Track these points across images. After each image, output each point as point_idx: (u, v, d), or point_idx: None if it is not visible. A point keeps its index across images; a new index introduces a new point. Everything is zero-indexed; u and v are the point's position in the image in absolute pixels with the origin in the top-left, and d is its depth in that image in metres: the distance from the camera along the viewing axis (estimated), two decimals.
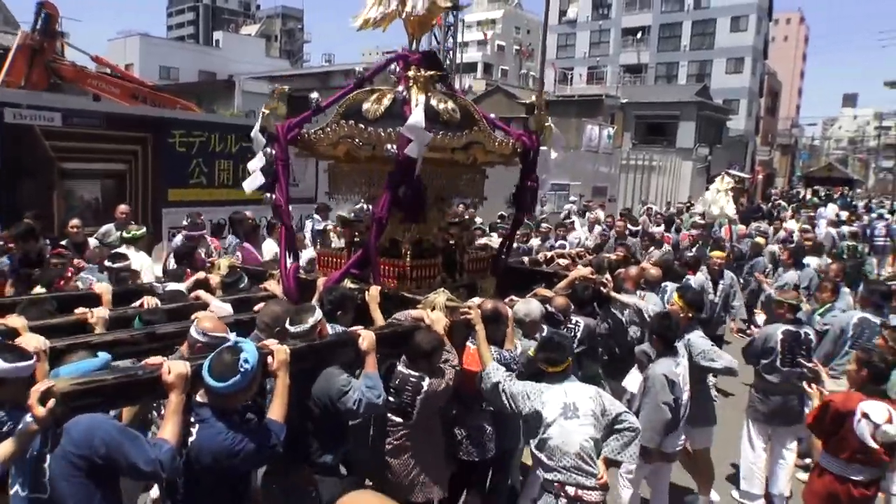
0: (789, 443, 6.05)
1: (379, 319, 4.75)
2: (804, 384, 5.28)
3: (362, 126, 5.06)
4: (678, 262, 8.37)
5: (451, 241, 5.93)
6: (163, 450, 2.84)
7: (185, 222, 7.96)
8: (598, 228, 13.19)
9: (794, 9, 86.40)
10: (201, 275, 5.87)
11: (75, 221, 7.35)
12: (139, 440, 2.85)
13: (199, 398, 3.17)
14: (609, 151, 24.35)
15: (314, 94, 5.66)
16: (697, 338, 5.44)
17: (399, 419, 4.23)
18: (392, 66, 5.64)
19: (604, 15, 50.37)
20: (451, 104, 5.43)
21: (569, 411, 3.91)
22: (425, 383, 4.13)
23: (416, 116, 4.67)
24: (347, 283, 5.14)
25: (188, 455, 3.09)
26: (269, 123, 5.44)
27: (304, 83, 27.37)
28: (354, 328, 4.22)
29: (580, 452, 3.84)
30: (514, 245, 9.20)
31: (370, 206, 5.22)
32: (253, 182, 5.55)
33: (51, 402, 2.66)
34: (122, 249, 6.66)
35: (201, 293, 5.24)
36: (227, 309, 4.93)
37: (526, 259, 7.74)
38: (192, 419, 3.13)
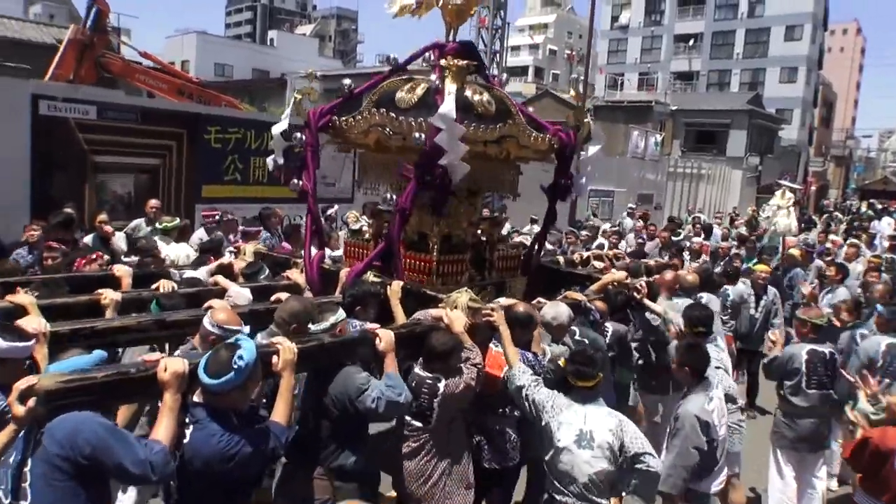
0: (818, 470, 5.61)
1: (400, 316, 4.61)
2: (847, 411, 4.90)
3: (393, 115, 4.95)
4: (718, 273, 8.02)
5: (483, 238, 5.77)
6: (154, 451, 2.67)
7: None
8: (630, 236, 12.84)
9: (850, 19, 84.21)
10: (225, 259, 5.80)
11: (103, 216, 7.34)
12: (128, 440, 2.67)
13: (195, 398, 3.03)
14: (656, 158, 23.91)
15: (347, 81, 5.58)
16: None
17: (418, 423, 4.03)
18: (427, 55, 5.51)
19: (656, 21, 49.55)
20: (486, 96, 5.29)
21: (584, 440, 3.66)
22: (441, 385, 3.94)
23: (447, 106, 4.52)
24: (370, 277, 4.99)
25: (182, 458, 2.93)
26: (301, 108, 5.39)
27: (354, 83, 27.43)
28: (371, 326, 4.06)
29: (588, 484, 3.62)
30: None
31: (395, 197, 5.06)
32: (271, 161, 5.51)
33: (31, 401, 2.52)
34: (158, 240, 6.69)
35: (220, 279, 5.14)
36: (247, 295, 4.82)
37: (561, 259, 7.49)
38: (187, 420, 2.97)
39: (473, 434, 4.42)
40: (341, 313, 3.92)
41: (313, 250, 5.53)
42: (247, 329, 3.76)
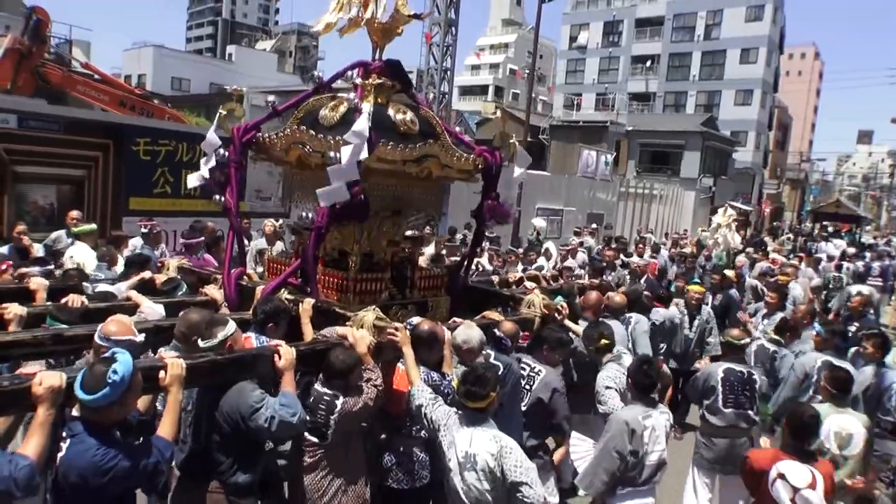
0: (738, 492, 5.39)
1: (308, 334, 4.60)
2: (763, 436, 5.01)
3: (313, 132, 4.94)
4: (651, 294, 8.06)
5: (406, 257, 5.75)
6: (18, 466, 2.62)
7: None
8: (580, 255, 12.93)
9: (808, 43, 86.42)
10: (146, 275, 5.71)
11: (21, 228, 7.19)
12: None
13: (74, 412, 2.97)
14: (607, 178, 24.16)
15: (271, 98, 5.57)
16: (604, 376, 5.22)
17: (315, 439, 4.03)
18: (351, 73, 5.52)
19: (614, 42, 50.37)
20: (410, 115, 5.29)
21: (468, 461, 3.66)
22: (339, 402, 3.93)
23: (360, 124, 4.51)
24: (284, 294, 4.96)
25: (57, 472, 2.88)
26: (225, 125, 5.37)
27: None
28: (275, 342, 4.05)
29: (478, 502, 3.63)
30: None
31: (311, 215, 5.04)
32: (196, 178, 5.45)
33: None
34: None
35: (133, 294, 5.06)
36: (159, 311, 4.75)
37: (496, 279, 7.51)
38: (64, 434, 2.92)
39: (382, 454, 4.42)
40: (230, 328, 3.87)
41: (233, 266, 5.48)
42: (140, 338, 3.72)
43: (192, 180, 5.50)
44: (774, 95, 50.64)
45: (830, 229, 38.47)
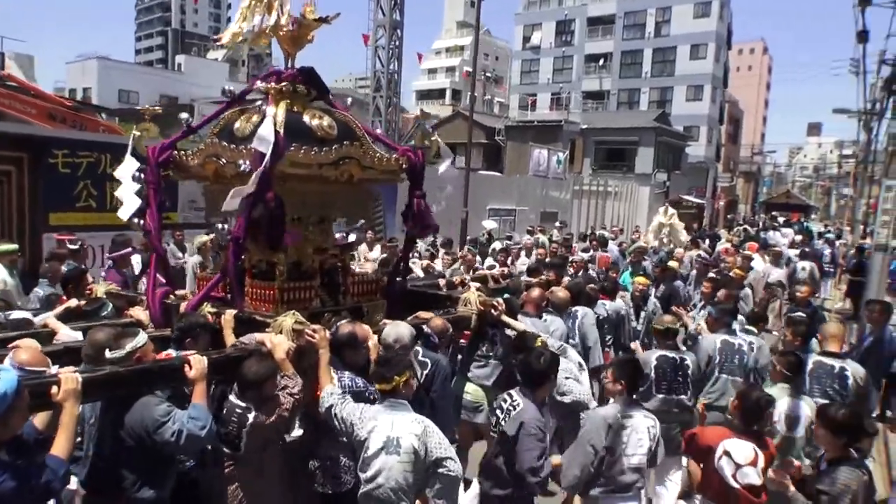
0: (672, 473, 5.61)
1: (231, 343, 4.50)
2: (699, 408, 5.10)
3: (225, 144, 4.87)
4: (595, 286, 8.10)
5: (338, 263, 5.69)
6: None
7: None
8: (534, 254, 12.97)
9: (757, 38, 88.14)
10: (73, 302, 5.55)
11: None
12: None
13: None
14: (560, 176, 24.29)
15: (184, 115, 5.46)
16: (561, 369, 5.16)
17: (228, 450, 3.97)
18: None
19: (567, 41, 50.81)
20: (326, 120, 5.23)
21: (391, 446, 3.69)
22: (251, 416, 3.84)
23: (264, 130, 4.44)
24: (207, 308, 4.86)
25: None
26: (140, 145, 5.25)
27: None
28: (186, 353, 3.95)
29: (397, 489, 3.65)
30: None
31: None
32: (128, 208, 5.30)
33: None
34: None
35: (50, 321, 4.94)
36: (76, 337, 4.62)
37: (442, 281, 7.47)
38: None
39: (308, 459, 4.40)
40: (140, 340, 3.78)
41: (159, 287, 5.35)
42: (54, 369, 3.60)
43: (128, 210, 5.31)
44: (725, 90, 51.54)
45: (781, 219, 39.34)
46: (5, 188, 9.00)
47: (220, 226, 4.91)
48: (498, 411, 4.43)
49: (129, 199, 5.23)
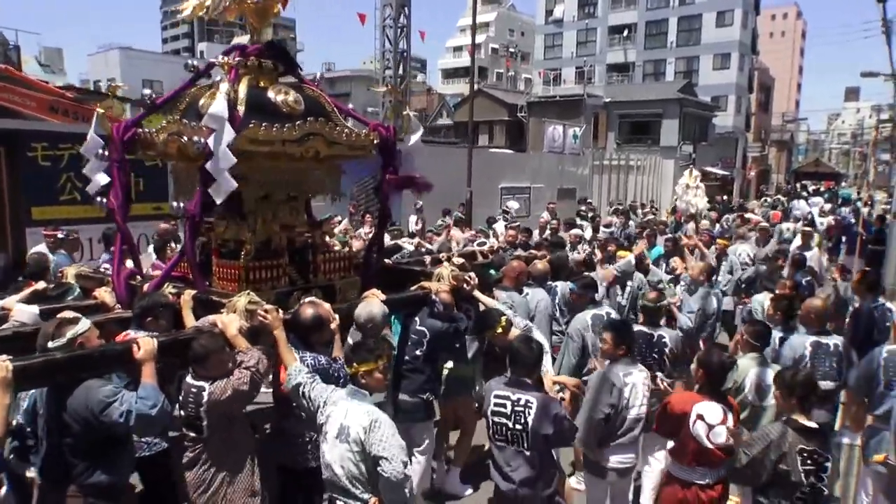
0: (656, 451, 5.44)
1: (190, 325, 4.46)
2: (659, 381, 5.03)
3: (186, 121, 4.82)
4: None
5: (309, 241, 5.64)
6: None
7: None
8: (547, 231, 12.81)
9: (789, 3, 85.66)
10: (40, 285, 5.57)
11: None
12: None
13: None
14: (577, 152, 23.93)
15: (146, 91, 5.41)
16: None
17: (192, 434, 3.94)
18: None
19: (590, 14, 49.80)
20: (293, 95, 5.17)
21: (342, 433, 3.61)
22: (205, 393, 3.80)
23: (216, 106, 4.36)
24: (168, 288, 4.85)
25: None
26: (104, 124, 5.22)
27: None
28: (133, 335, 3.94)
29: (352, 478, 3.58)
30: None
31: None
32: (93, 186, 5.30)
33: None
34: None
35: (8, 302, 4.92)
36: (31, 311, 4.62)
37: (428, 259, 7.40)
38: None
39: (275, 436, 4.43)
40: (82, 326, 3.76)
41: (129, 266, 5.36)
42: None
43: (94, 188, 5.32)
44: (754, 57, 50.28)
45: (812, 188, 38.45)
46: None
47: (174, 203, 4.85)
48: (503, 418, 4.12)
49: (94, 177, 5.23)
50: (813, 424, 3.80)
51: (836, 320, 6.87)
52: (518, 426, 4.04)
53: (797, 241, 11.97)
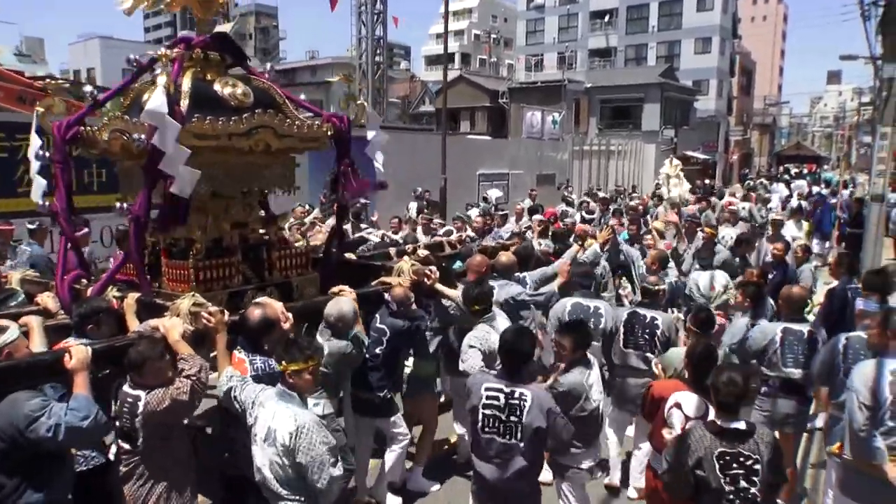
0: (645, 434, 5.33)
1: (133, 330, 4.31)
2: (654, 366, 4.97)
3: (127, 118, 4.67)
4: None
5: (265, 237, 5.49)
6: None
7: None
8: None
9: None
10: None
11: None
12: None
13: None
14: (556, 137, 23.79)
15: (88, 88, 5.24)
16: (471, 336, 5.07)
17: (126, 445, 3.76)
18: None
19: None
20: (241, 88, 5.02)
21: (269, 436, 3.49)
22: (141, 402, 3.63)
23: (154, 101, 4.18)
24: (112, 292, 4.68)
25: None
26: (45, 123, 5.04)
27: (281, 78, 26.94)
28: (67, 344, 3.76)
29: (282, 482, 3.48)
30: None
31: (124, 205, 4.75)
32: (37, 191, 5.11)
33: None
34: None
35: None
36: None
37: (393, 250, 7.25)
38: None
39: (220, 444, 4.27)
40: (9, 336, 3.58)
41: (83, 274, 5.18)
42: None
43: (36, 191, 5.14)
44: (735, 41, 50.24)
45: (794, 171, 38.54)
46: None
47: (118, 204, 4.68)
48: (495, 411, 4.00)
49: (37, 180, 5.05)
50: (737, 425, 3.49)
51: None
52: (513, 418, 3.95)
53: (769, 231, 11.93)
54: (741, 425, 3.49)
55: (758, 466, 3.41)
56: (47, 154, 5.01)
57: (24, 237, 8.03)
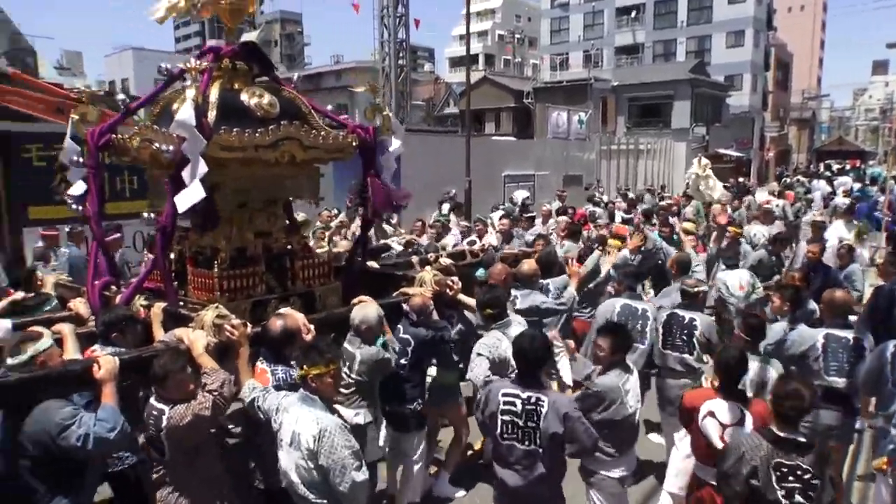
0: (682, 435, 5.11)
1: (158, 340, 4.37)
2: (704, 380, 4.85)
3: (157, 127, 4.73)
4: None
5: (288, 247, 5.53)
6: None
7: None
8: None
9: None
10: (18, 295, 5.54)
11: None
12: None
13: None
14: (582, 137, 23.63)
15: (120, 96, 5.34)
16: (480, 343, 4.99)
17: (157, 455, 3.81)
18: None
19: None
20: (267, 98, 5.03)
21: (294, 440, 3.52)
22: (164, 417, 3.66)
23: (183, 113, 4.25)
24: (140, 300, 4.76)
25: None
26: (80, 130, 5.15)
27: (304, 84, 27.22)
28: (95, 354, 3.84)
29: (305, 483, 3.49)
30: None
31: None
32: (73, 193, 5.24)
33: None
34: None
35: None
36: (4, 326, 4.59)
37: (415, 258, 7.25)
38: None
39: (245, 455, 4.24)
40: (43, 344, 3.66)
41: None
42: None
43: (74, 192, 5.26)
44: (770, 33, 49.31)
45: (836, 167, 37.60)
46: None
47: (145, 214, 4.77)
48: (513, 417, 3.96)
49: (74, 184, 5.17)
50: (798, 437, 3.41)
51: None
52: (531, 423, 3.91)
53: (807, 233, 11.60)
54: (801, 437, 3.42)
55: (816, 482, 3.29)
56: (81, 160, 5.10)
57: (63, 241, 8.35)
